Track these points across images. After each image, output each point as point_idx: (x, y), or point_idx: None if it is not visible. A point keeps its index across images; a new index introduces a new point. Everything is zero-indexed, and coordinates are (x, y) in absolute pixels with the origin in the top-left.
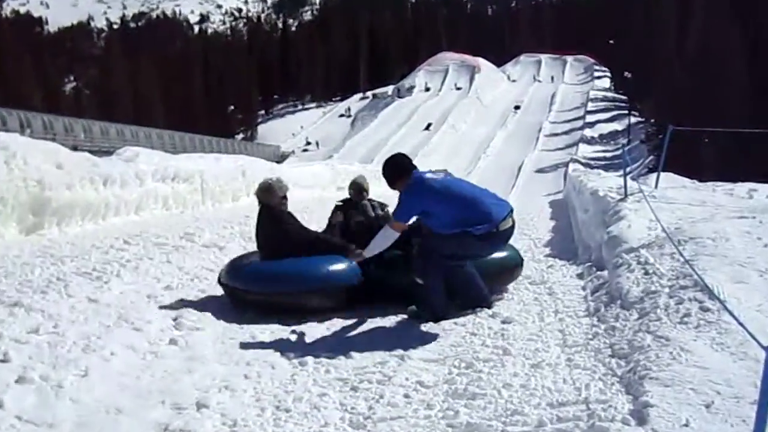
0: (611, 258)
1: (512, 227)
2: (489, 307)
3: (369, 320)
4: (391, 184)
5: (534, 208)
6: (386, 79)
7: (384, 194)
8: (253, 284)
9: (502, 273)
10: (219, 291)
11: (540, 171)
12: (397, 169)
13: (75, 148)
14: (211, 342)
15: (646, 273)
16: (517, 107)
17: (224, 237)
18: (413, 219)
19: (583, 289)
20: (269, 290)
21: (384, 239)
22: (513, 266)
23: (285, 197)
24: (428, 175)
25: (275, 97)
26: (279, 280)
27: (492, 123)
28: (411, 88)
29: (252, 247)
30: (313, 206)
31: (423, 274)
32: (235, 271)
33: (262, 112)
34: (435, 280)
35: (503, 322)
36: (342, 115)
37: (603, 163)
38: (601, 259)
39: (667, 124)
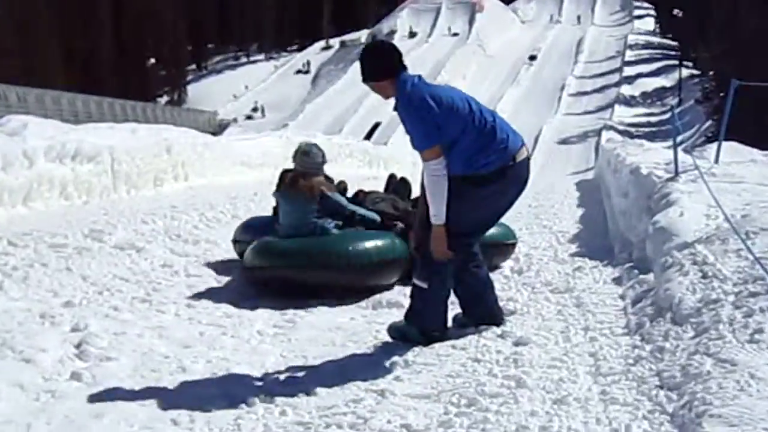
0: (658, 257)
1: (529, 160)
2: (498, 325)
3: (337, 339)
4: (373, 77)
5: (556, 193)
6: (358, 23)
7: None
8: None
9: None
10: (137, 306)
11: (563, 142)
12: (387, 58)
13: None
14: (128, 376)
15: (705, 276)
16: (532, 58)
17: (143, 235)
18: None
19: (622, 298)
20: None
21: (435, 183)
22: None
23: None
24: (425, 81)
25: (210, 47)
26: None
27: (499, 79)
28: (391, 34)
29: (181, 247)
30: (263, 191)
31: (428, 272)
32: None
33: (193, 67)
34: (441, 282)
35: (516, 344)
36: (299, 71)
37: (646, 130)
38: (645, 258)
39: (730, 78)
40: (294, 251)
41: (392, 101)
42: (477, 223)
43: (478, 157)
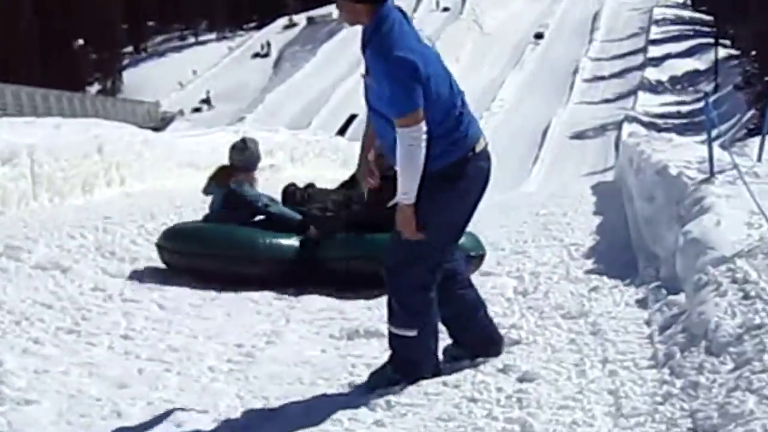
0: (690, 274)
1: (489, 152)
2: (497, 356)
3: (304, 377)
4: None
5: (568, 197)
6: None
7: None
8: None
9: None
10: (63, 338)
11: (577, 137)
12: None
13: None
14: (51, 422)
15: (746, 297)
16: (538, 36)
17: (70, 252)
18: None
19: (647, 324)
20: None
21: (413, 154)
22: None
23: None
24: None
25: (150, 25)
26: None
27: (499, 62)
28: None
29: (116, 266)
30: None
31: (411, 315)
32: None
33: (130, 49)
34: (430, 320)
35: (521, 380)
36: (258, 54)
37: (676, 122)
38: (675, 276)
39: None
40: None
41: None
42: (443, 231)
43: (436, 144)
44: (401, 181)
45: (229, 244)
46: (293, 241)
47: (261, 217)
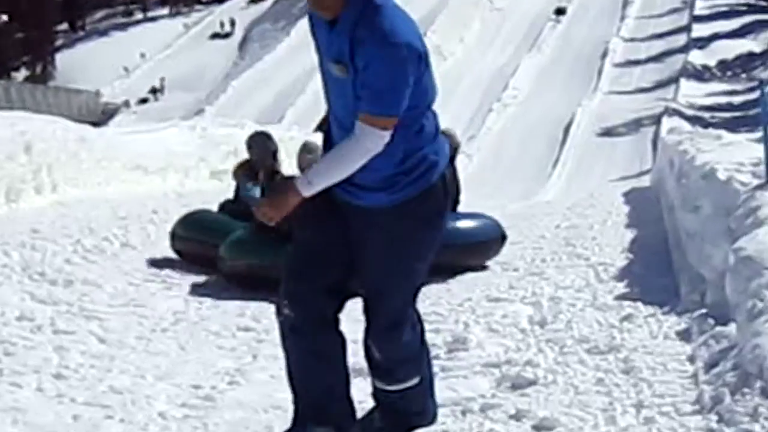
0: (743, 300)
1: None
2: (430, 423)
3: (275, 425)
4: None
5: (596, 207)
6: None
7: None
8: None
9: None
10: None
11: (606, 133)
12: None
13: None
14: None
15: None
16: (559, 12)
17: None
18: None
19: (690, 360)
20: None
21: (358, 159)
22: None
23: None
24: None
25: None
26: None
27: (513, 42)
28: None
29: (46, 290)
30: (167, 207)
31: (410, 363)
32: None
33: (65, 27)
34: (428, 359)
35: (537, 428)
36: (219, 34)
37: (726, 115)
38: (724, 302)
39: None
40: None
41: None
42: (416, 276)
43: (406, 165)
44: (321, 169)
45: None
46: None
47: None
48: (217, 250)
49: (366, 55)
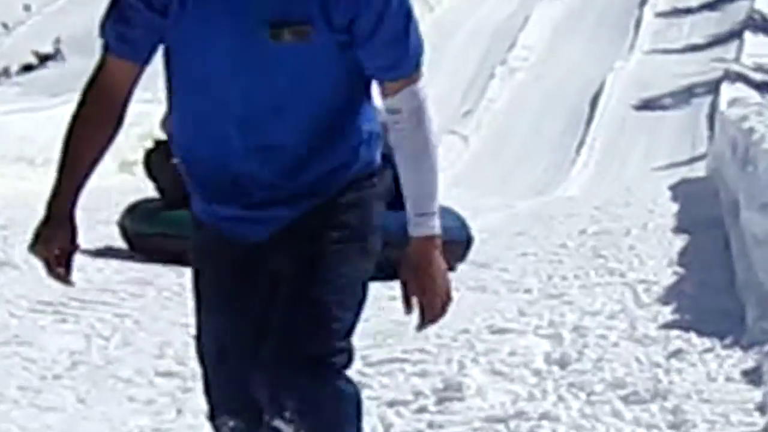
0: None
1: None
2: None
3: None
4: None
5: (633, 206)
6: None
7: None
8: None
9: None
10: None
11: (646, 106)
12: None
13: None
14: None
15: None
16: None
17: None
18: None
19: (761, 411)
20: None
21: (431, 128)
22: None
23: None
24: None
25: None
26: None
27: None
28: None
29: None
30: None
31: (331, 393)
32: None
33: None
34: (355, 396)
35: None
36: None
37: None
38: None
39: None
40: None
41: None
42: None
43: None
44: (427, 178)
45: None
46: None
47: None
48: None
49: (358, 7)
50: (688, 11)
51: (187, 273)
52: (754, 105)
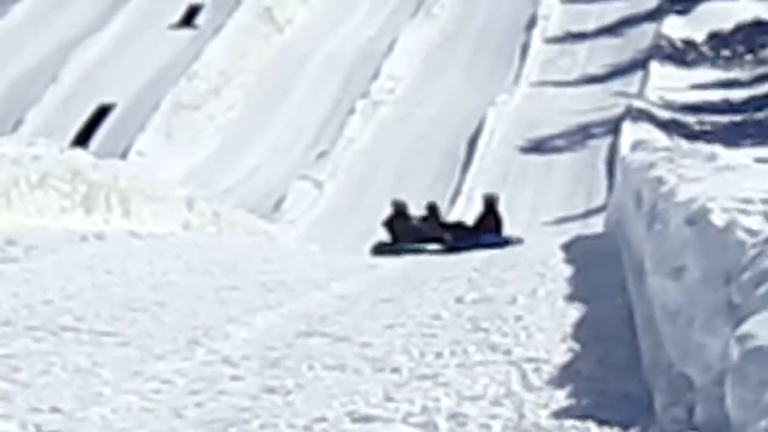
0: (751, 417)
1: None
2: None
3: None
4: None
5: (519, 266)
6: None
7: None
8: None
9: None
10: None
11: (535, 148)
12: None
13: None
14: None
15: None
16: None
17: None
18: None
19: None
20: None
21: None
22: None
23: None
24: None
25: None
26: None
27: (389, 2)
28: None
29: None
30: None
31: None
32: None
33: None
34: None
35: None
36: None
37: (722, 119)
38: (723, 420)
39: None
40: None
41: None
42: None
43: None
44: None
45: None
46: None
47: None
48: None
49: None
50: (584, 36)
51: None
52: (662, 150)
